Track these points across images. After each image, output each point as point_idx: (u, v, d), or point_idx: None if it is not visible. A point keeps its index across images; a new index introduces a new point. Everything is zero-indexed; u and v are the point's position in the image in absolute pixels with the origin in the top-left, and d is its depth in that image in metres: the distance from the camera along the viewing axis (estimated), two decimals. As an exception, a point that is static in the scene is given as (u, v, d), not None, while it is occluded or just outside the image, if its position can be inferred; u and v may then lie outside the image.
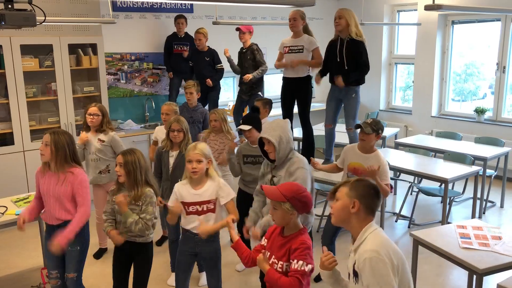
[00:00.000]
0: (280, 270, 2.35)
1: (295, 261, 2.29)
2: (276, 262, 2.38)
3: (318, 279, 3.82)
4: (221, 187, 3.00)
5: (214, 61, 6.06)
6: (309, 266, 2.29)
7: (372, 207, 2.05)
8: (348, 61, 4.67)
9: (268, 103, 4.88)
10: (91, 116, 4.11)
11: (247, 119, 3.83)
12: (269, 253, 2.45)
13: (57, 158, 3.02)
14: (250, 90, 5.93)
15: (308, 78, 4.98)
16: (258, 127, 3.74)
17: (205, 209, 2.98)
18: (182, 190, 3.00)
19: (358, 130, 3.65)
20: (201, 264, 3.81)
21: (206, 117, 4.94)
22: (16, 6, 2.36)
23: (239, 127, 3.80)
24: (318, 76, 4.96)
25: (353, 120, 4.83)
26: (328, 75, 4.95)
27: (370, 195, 2.04)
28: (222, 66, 6.07)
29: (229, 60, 6.03)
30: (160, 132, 4.51)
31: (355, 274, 1.99)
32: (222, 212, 3.06)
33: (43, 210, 3.24)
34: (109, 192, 3.14)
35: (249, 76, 5.74)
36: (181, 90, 6.39)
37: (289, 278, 2.28)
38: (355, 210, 2.02)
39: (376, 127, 3.54)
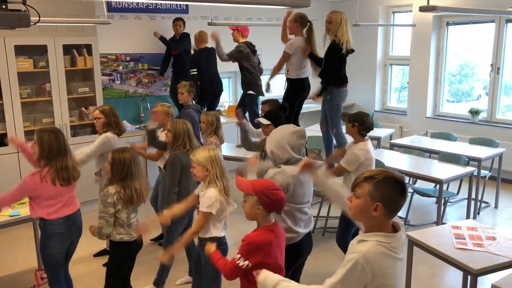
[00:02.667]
0: (241, 263, 2.33)
1: (238, 255, 2.31)
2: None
3: None
4: (202, 196, 2.93)
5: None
6: (245, 262, 2.28)
7: (397, 209, 1.81)
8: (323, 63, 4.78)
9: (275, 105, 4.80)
10: (95, 120, 4.08)
11: (269, 115, 3.80)
12: None
13: (42, 155, 3.00)
14: (244, 89, 6.04)
15: (288, 79, 5.04)
16: (277, 125, 3.70)
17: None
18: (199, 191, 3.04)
19: (344, 131, 3.75)
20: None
21: (186, 116, 4.88)
22: (10, 6, 2.35)
23: (257, 119, 3.79)
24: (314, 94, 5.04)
25: (330, 122, 4.85)
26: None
27: (396, 197, 1.79)
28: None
29: (217, 46, 5.99)
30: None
31: None
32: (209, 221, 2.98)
33: None
34: None
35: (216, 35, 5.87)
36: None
37: (227, 263, 2.36)
38: (378, 214, 1.78)
39: (352, 118, 3.64)
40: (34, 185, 2.97)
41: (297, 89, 5.03)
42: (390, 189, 1.78)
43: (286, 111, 4.01)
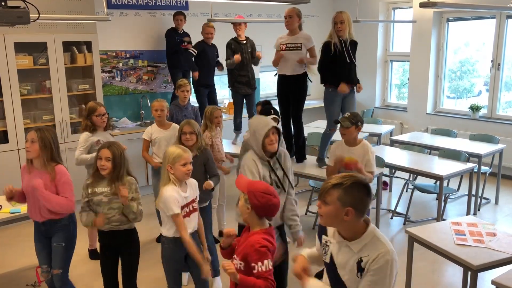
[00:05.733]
0: (236, 266, 2.30)
1: (259, 263, 2.22)
2: (236, 257, 2.36)
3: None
4: (196, 184, 3.07)
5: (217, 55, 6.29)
6: (268, 263, 2.24)
7: (365, 210, 1.91)
8: (352, 61, 4.69)
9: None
10: (102, 117, 4.06)
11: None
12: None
13: (44, 155, 3.04)
14: (252, 85, 6.01)
15: (305, 75, 4.97)
16: None
17: (191, 209, 2.99)
18: (178, 195, 2.92)
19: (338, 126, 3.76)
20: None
21: (197, 113, 4.97)
22: (9, 3, 2.34)
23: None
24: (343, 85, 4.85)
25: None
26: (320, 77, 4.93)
27: (364, 199, 1.89)
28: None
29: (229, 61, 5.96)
30: (154, 130, 4.47)
31: (361, 270, 1.91)
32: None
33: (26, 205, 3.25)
34: (85, 186, 3.06)
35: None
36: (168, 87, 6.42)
37: (263, 281, 2.20)
38: (349, 218, 1.87)
39: (354, 120, 3.67)
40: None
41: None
42: (359, 192, 1.87)
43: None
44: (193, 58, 6.05)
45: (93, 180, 3.04)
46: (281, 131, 3.10)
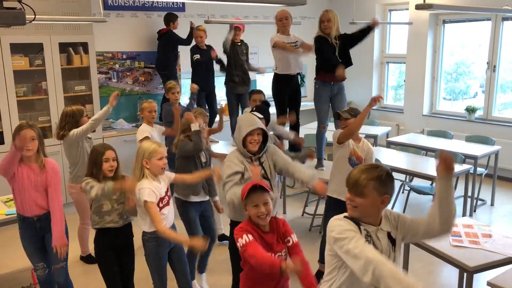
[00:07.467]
0: (284, 255, 2.48)
1: (293, 235, 2.52)
2: (281, 253, 2.47)
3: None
4: (168, 176, 3.10)
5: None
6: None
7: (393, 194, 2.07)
8: (341, 55, 4.73)
9: None
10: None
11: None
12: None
13: (40, 149, 3.11)
14: (247, 84, 6.08)
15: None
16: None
17: (167, 199, 3.02)
18: (154, 188, 2.91)
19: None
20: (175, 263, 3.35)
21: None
22: (5, 4, 2.34)
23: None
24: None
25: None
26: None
27: (394, 186, 2.03)
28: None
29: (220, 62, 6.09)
30: (149, 129, 4.46)
31: (393, 242, 2.06)
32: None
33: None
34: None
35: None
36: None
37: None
38: (385, 204, 1.99)
39: (353, 113, 3.59)
40: None
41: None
42: (392, 181, 2.02)
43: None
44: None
45: (98, 180, 3.02)
46: (268, 134, 3.02)
